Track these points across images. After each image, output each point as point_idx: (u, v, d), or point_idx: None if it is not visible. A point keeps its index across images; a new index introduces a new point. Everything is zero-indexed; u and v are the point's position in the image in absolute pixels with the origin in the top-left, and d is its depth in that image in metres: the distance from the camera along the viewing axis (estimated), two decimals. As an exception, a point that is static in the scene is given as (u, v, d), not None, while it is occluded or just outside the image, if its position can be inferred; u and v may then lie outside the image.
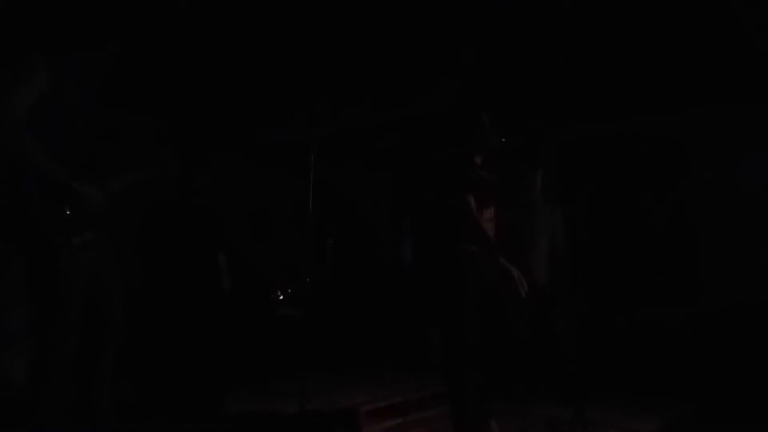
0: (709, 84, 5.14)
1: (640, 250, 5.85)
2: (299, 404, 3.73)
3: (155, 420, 3.53)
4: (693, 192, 5.69)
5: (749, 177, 5.41)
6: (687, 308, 5.48)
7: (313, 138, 4.00)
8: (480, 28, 4.43)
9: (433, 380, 4.37)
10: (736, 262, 5.36)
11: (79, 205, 2.49)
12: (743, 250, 5.35)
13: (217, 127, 5.51)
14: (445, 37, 4.58)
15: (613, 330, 5.54)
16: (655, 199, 5.91)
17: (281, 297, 5.90)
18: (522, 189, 3.74)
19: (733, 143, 5.52)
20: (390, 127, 6.21)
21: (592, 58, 4.78)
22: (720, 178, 5.53)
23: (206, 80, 5.10)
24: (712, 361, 5.10)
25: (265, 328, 5.49)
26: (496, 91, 5.23)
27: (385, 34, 4.57)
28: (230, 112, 5.53)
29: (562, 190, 4.19)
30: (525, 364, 3.35)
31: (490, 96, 5.25)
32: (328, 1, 4.11)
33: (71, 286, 2.50)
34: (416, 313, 6.07)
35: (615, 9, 4.08)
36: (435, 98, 5.56)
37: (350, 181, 6.58)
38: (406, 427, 3.97)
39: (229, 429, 3.70)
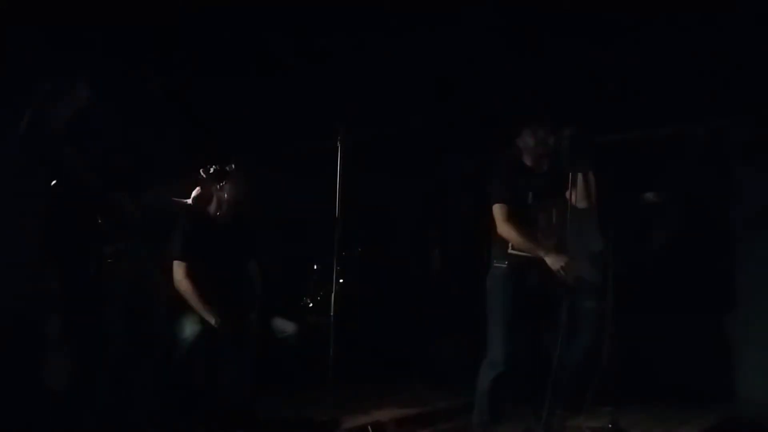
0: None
1: (678, 255, 5.74)
2: (328, 413, 3.74)
3: (185, 428, 3.56)
4: (733, 196, 5.56)
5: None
6: (725, 313, 5.36)
7: (341, 145, 4.04)
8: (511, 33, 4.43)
9: (463, 389, 4.33)
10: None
11: (113, 216, 2.55)
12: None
13: (247, 136, 5.57)
14: (472, 41, 4.59)
15: (648, 336, 5.42)
16: (692, 203, 5.80)
17: (310, 305, 5.91)
18: (564, 191, 3.70)
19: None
20: (419, 134, 6.20)
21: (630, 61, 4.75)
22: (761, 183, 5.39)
23: (239, 88, 5.17)
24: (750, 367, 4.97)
25: (293, 335, 5.50)
26: (536, 94, 5.21)
27: (413, 41, 4.59)
28: (260, 121, 5.58)
29: (603, 191, 4.13)
30: (554, 372, 3.30)
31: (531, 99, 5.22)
32: (357, 8, 4.16)
33: (107, 295, 2.56)
34: (445, 322, 6.04)
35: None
36: (465, 104, 5.56)
37: (378, 189, 6.58)
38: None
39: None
